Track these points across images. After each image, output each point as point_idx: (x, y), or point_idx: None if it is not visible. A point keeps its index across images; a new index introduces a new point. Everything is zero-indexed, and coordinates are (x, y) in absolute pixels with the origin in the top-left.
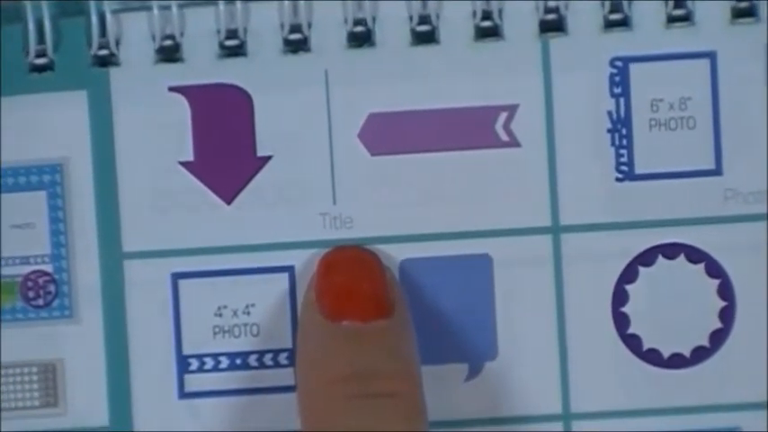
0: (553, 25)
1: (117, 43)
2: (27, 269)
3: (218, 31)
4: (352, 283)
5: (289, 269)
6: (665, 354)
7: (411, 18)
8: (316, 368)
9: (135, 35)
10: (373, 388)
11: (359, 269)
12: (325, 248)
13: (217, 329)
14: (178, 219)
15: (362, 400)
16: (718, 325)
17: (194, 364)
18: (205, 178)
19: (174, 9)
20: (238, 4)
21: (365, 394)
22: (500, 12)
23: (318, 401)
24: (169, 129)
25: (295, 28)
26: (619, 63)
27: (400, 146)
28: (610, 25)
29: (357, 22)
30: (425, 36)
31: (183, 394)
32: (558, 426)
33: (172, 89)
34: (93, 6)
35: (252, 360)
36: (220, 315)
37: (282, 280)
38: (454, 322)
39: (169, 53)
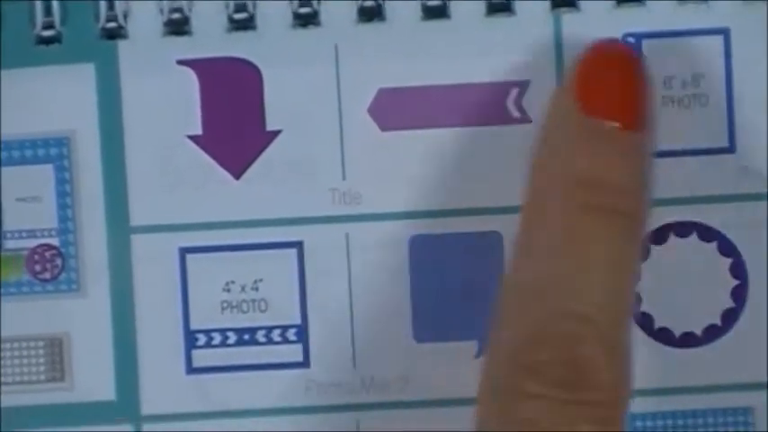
0: (565, 1)
1: (125, 16)
2: (34, 242)
3: (227, 5)
4: (616, 79)
5: (297, 244)
6: (677, 333)
7: None
8: (557, 160)
9: (143, 8)
10: (608, 200)
11: (626, 68)
12: (334, 224)
13: (225, 305)
14: (186, 193)
15: (592, 211)
16: (731, 304)
17: (202, 339)
18: (214, 152)
19: None
20: None
21: (598, 205)
22: None
23: (550, 195)
24: (177, 102)
25: (305, 2)
26: (631, 39)
27: (410, 121)
28: (623, 1)
29: None
30: (436, 11)
31: (191, 369)
32: None
33: (180, 62)
34: None
35: (260, 336)
36: (228, 290)
37: (291, 255)
38: (464, 299)
39: (177, 26)
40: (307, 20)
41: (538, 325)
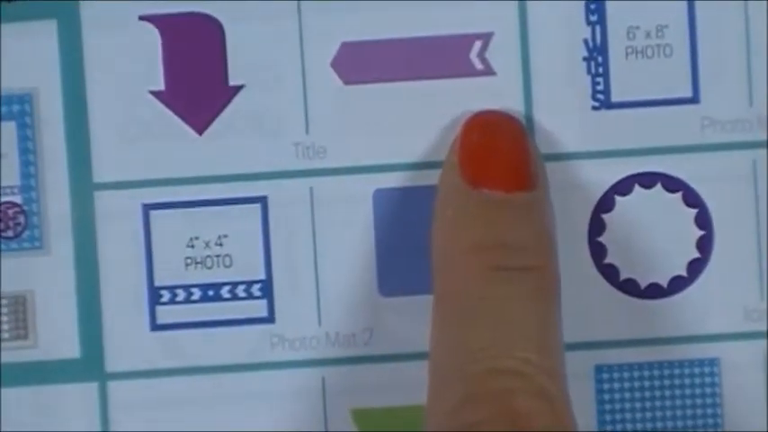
0: None
1: None
2: None
3: None
4: (497, 149)
5: (261, 199)
6: (643, 284)
7: None
8: (454, 234)
9: None
10: (512, 261)
11: (504, 136)
12: (298, 178)
13: (189, 261)
14: (149, 149)
15: (500, 272)
16: (696, 254)
17: (166, 295)
18: (176, 108)
19: None
20: None
21: (503, 266)
22: None
23: (454, 267)
24: (139, 58)
25: None
26: None
27: (374, 75)
28: None
29: None
30: None
31: (155, 326)
32: None
33: (142, 18)
34: None
35: (224, 292)
36: (192, 246)
37: (255, 210)
38: (428, 253)
39: None
40: None
41: (473, 385)
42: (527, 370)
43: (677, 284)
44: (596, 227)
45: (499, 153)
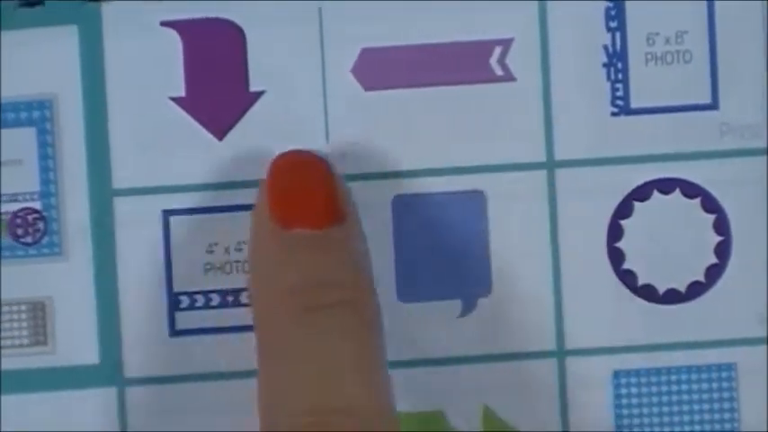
0: None
1: None
2: (16, 206)
3: None
4: (303, 188)
5: None
6: (661, 289)
7: None
8: (269, 278)
9: None
10: (328, 298)
11: (309, 174)
12: None
13: (208, 266)
14: (169, 155)
15: (317, 312)
16: (714, 260)
17: (185, 301)
18: (196, 114)
19: None
20: None
21: (320, 305)
22: None
23: (272, 313)
24: (160, 64)
25: None
26: None
27: (394, 81)
28: None
29: None
30: None
31: (174, 332)
32: (552, 362)
33: (164, 24)
34: None
35: (243, 297)
36: (212, 252)
37: None
38: (448, 258)
39: None
40: None
41: (302, 425)
42: (353, 405)
43: (695, 290)
44: (615, 232)
45: (307, 191)
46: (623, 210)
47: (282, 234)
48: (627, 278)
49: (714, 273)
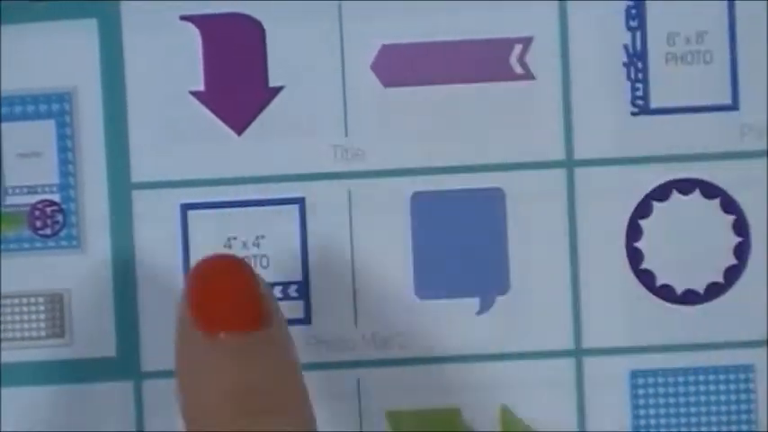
0: None
1: None
2: (35, 198)
3: None
4: (225, 291)
5: (299, 201)
6: (679, 290)
7: None
8: (197, 386)
9: None
10: (258, 404)
11: (231, 279)
12: (336, 180)
13: None
14: (188, 149)
15: (248, 418)
16: (733, 261)
17: None
18: (216, 108)
19: None
20: None
21: (250, 411)
22: None
23: (202, 420)
24: (180, 58)
25: None
26: None
27: (413, 77)
28: None
29: None
30: None
31: None
32: (570, 361)
33: (183, 18)
34: None
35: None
36: (230, 246)
37: (293, 211)
38: (466, 256)
39: None
40: None
41: None
42: None
43: (714, 291)
44: (633, 232)
45: (229, 295)
46: (642, 209)
47: (208, 342)
48: (645, 278)
49: (733, 274)
